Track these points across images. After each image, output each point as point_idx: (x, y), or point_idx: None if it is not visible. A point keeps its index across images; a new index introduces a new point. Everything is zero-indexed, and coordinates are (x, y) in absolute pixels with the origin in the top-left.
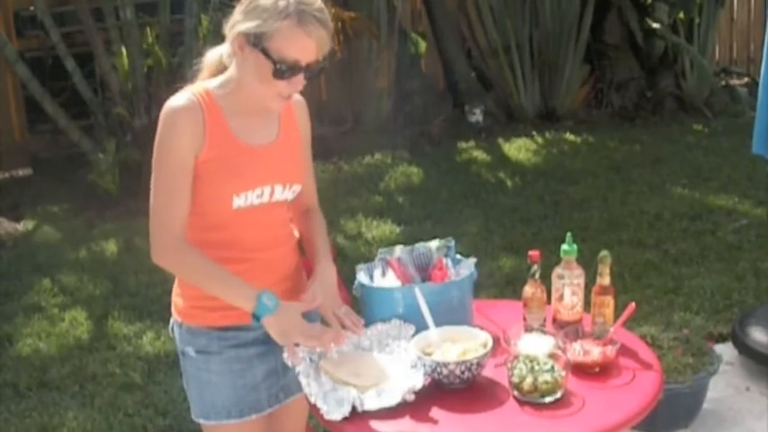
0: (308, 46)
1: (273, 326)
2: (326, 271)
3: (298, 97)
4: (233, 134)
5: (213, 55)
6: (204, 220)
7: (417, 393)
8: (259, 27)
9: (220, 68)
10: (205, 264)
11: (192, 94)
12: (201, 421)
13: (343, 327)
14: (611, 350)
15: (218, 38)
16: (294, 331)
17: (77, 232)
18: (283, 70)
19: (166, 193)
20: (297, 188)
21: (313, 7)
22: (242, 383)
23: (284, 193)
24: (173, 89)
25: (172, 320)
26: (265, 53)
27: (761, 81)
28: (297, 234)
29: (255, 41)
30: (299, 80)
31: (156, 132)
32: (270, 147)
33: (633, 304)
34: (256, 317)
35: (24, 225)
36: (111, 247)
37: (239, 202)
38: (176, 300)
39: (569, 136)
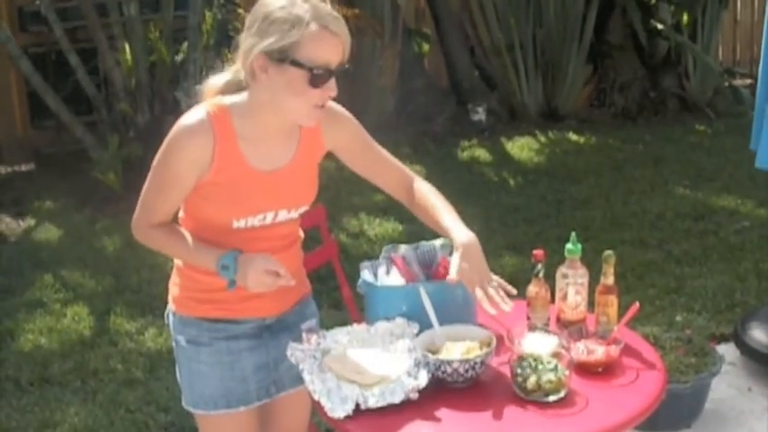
0: (336, 46)
1: (244, 284)
2: (467, 241)
3: (327, 106)
4: (243, 159)
5: (215, 82)
6: (204, 227)
7: (421, 392)
8: (281, 40)
9: (222, 93)
10: (175, 241)
11: (207, 113)
12: (191, 409)
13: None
14: (614, 350)
15: (221, 35)
16: (255, 285)
17: (80, 228)
18: (320, 75)
19: (156, 194)
20: (303, 209)
21: (327, 9)
22: (230, 375)
23: (289, 215)
24: (175, 86)
25: (167, 308)
26: (297, 64)
27: (759, 79)
28: (302, 235)
29: (281, 56)
30: (332, 85)
31: (165, 139)
32: (280, 171)
33: (637, 304)
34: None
35: (26, 221)
36: (113, 243)
37: (239, 224)
38: (172, 289)
39: (572, 135)
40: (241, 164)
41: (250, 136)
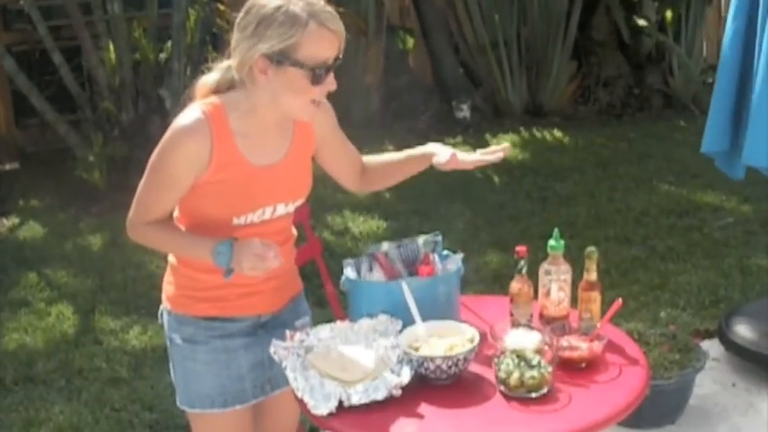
0: (333, 42)
1: (239, 270)
2: (434, 145)
3: None
4: (241, 156)
5: (207, 81)
6: (202, 226)
7: (404, 388)
8: (281, 43)
9: (214, 92)
10: (169, 236)
11: (202, 113)
12: (186, 408)
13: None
14: (597, 346)
15: (205, 33)
16: (248, 267)
17: (64, 227)
18: (321, 74)
19: (152, 194)
20: (300, 202)
21: (321, 5)
22: (227, 374)
23: (286, 209)
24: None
25: (161, 307)
26: (298, 64)
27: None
28: (294, 233)
29: (281, 58)
30: (331, 80)
31: (162, 139)
32: (277, 166)
33: (620, 300)
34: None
35: (11, 219)
36: (97, 241)
37: (239, 221)
38: (167, 287)
39: (556, 132)
40: (239, 161)
41: (246, 133)
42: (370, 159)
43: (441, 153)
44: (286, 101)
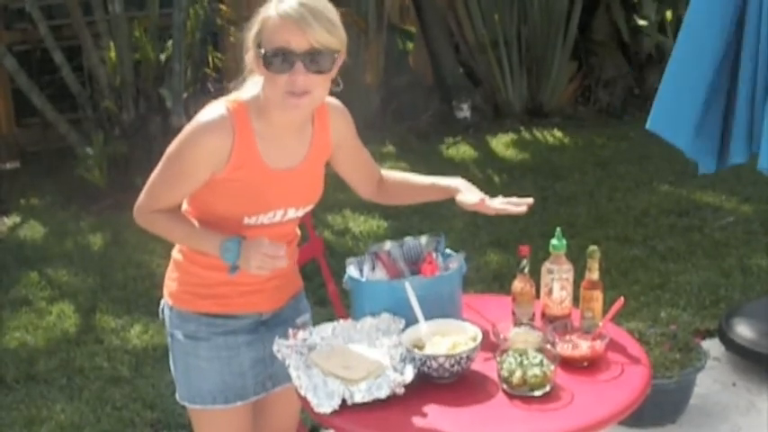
0: (290, 30)
1: (245, 267)
2: (460, 181)
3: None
4: (260, 157)
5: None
6: (212, 222)
7: (407, 387)
8: (254, 31)
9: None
10: (177, 225)
11: (227, 110)
12: (186, 404)
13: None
14: (599, 344)
15: (206, 32)
16: (255, 266)
17: (65, 225)
18: (269, 56)
19: (165, 184)
20: (310, 207)
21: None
22: (229, 370)
23: (297, 213)
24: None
25: (162, 302)
26: (259, 49)
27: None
28: (298, 233)
29: (253, 45)
30: (299, 72)
31: (183, 131)
32: (293, 170)
33: (622, 299)
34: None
35: (12, 218)
36: (98, 240)
37: (250, 221)
38: (169, 283)
39: (557, 132)
40: (258, 162)
41: (266, 134)
42: (392, 174)
43: (467, 193)
44: (267, 94)
